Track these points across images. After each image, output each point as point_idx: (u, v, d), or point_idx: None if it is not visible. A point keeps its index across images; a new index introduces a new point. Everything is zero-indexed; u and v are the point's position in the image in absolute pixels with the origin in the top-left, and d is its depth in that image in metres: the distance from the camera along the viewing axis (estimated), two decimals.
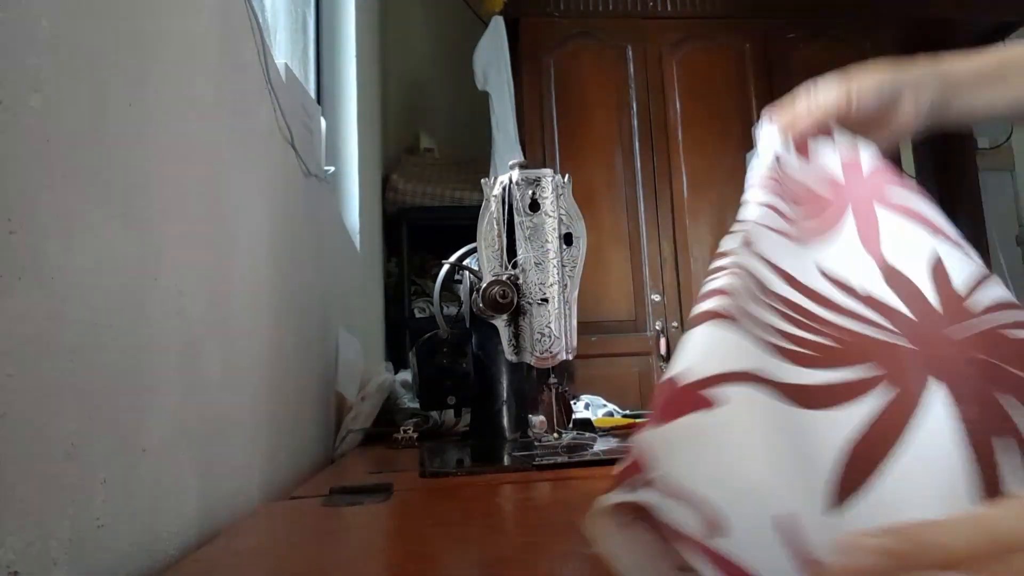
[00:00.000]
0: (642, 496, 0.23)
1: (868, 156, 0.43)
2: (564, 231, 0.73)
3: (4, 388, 0.27)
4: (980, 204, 2.67)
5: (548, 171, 0.73)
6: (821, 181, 0.43)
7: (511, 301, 0.70)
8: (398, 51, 3.00)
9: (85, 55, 0.35)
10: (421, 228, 2.59)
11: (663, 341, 2.56)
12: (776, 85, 2.77)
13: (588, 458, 0.63)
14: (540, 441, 0.70)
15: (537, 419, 0.71)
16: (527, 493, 0.52)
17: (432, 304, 2.11)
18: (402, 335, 2.47)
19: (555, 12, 2.72)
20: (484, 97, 2.62)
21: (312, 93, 1.62)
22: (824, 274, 0.36)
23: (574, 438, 0.71)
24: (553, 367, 0.71)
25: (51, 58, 0.31)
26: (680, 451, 0.24)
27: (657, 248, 2.63)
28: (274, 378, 0.71)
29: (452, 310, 1.50)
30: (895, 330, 0.32)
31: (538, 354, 0.70)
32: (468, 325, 0.90)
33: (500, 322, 0.71)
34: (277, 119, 0.78)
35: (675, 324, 2.60)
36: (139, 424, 0.39)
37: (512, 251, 0.72)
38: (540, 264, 0.71)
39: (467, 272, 0.88)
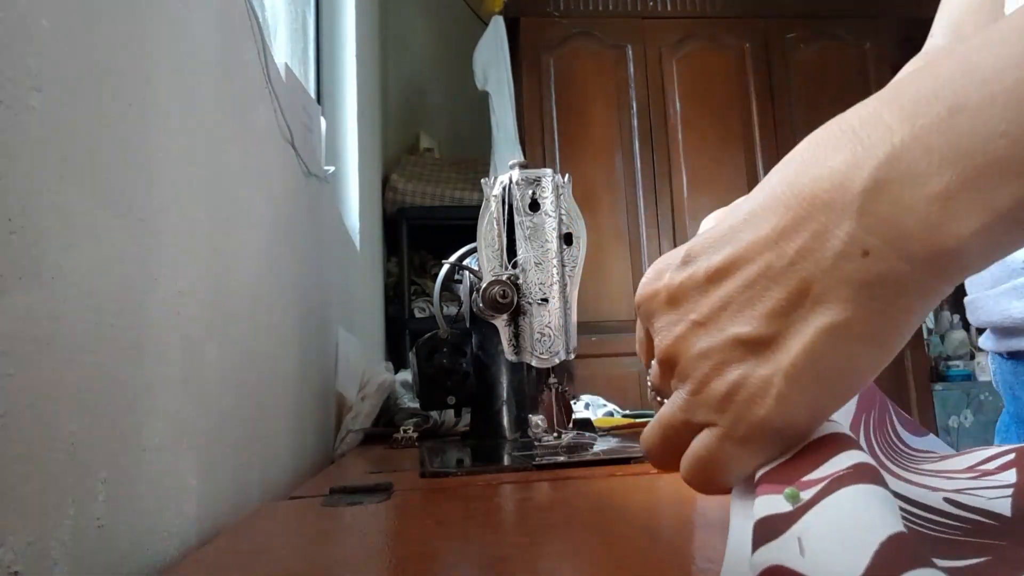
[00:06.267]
0: None
1: None
2: (564, 231, 0.73)
3: (4, 388, 0.27)
4: None
5: (548, 171, 0.73)
6: None
7: (511, 301, 0.70)
8: (398, 51, 3.00)
9: (85, 55, 0.35)
10: (421, 228, 2.60)
11: None
12: (776, 85, 2.77)
13: (588, 458, 0.63)
14: (540, 441, 0.70)
15: (537, 419, 0.71)
16: (527, 493, 0.52)
17: (432, 304, 2.10)
18: (402, 335, 2.47)
19: (555, 12, 2.73)
20: (484, 97, 2.62)
21: (312, 93, 1.62)
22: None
23: (574, 438, 0.71)
24: (553, 367, 0.71)
25: (51, 58, 0.31)
26: None
27: (657, 248, 2.63)
28: (274, 378, 0.71)
29: (452, 310, 1.50)
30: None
31: (538, 354, 0.70)
32: (468, 325, 0.90)
33: (500, 322, 0.71)
34: (277, 119, 0.78)
35: None
36: (139, 424, 0.39)
37: (512, 251, 0.72)
38: (540, 264, 0.71)
39: (467, 272, 0.88)
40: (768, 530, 0.23)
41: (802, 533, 0.22)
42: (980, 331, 0.63)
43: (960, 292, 0.63)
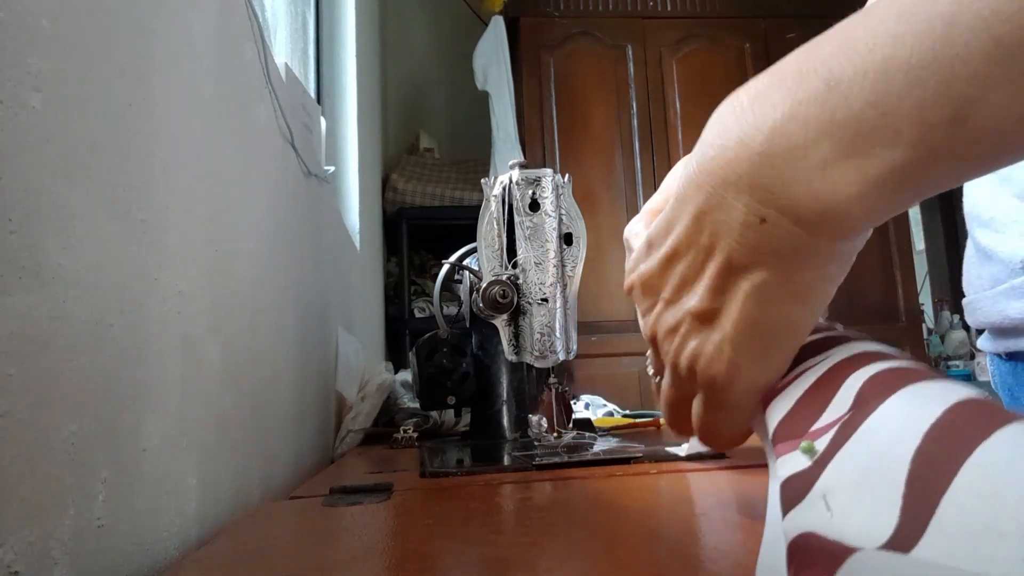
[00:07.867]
0: None
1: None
2: (564, 231, 0.73)
3: (4, 388, 0.27)
4: None
5: (548, 171, 0.73)
6: None
7: (511, 301, 0.70)
8: (398, 51, 3.00)
9: (85, 55, 0.35)
10: (421, 228, 2.59)
11: None
12: None
13: (588, 458, 0.63)
14: (540, 441, 0.70)
15: (537, 419, 0.71)
16: (527, 493, 0.52)
17: (432, 304, 2.10)
18: (402, 335, 2.47)
19: (555, 12, 2.72)
20: (484, 97, 2.62)
21: (312, 93, 1.62)
22: None
23: (574, 438, 0.71)
24: (553, 367, 0.71)
25: (51, 58, 0.32)
26: None
27: None
28: (274, 378, 0.71)
29: (452, 310, 1.50)
30: None
31: (538, 354, 0.70)
32: (468, 325, 0.90)
33: (500, 322, 0.71)
34: (277, 119, 0.78)
35: None
36: (139, 424, 0.39)
37: (512, 251, 0.72)
38: (540, 264, 0.71)
39: (467, 272, 0.88)
40: (793, 491, 0.23)
41: (826, 490, 0.22)
42: (980, 332, 0.63)
43: (959, 293, 0.63)
